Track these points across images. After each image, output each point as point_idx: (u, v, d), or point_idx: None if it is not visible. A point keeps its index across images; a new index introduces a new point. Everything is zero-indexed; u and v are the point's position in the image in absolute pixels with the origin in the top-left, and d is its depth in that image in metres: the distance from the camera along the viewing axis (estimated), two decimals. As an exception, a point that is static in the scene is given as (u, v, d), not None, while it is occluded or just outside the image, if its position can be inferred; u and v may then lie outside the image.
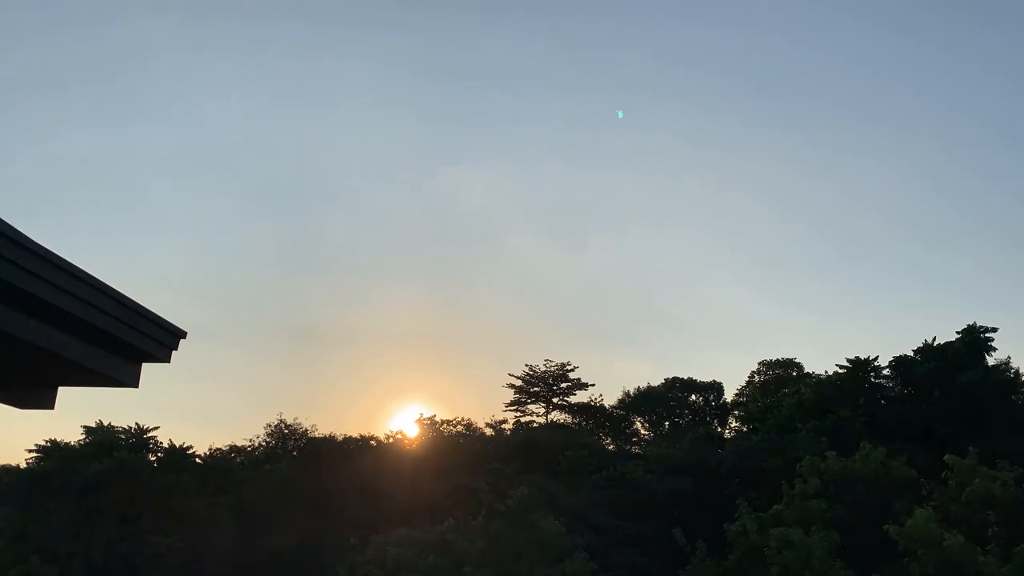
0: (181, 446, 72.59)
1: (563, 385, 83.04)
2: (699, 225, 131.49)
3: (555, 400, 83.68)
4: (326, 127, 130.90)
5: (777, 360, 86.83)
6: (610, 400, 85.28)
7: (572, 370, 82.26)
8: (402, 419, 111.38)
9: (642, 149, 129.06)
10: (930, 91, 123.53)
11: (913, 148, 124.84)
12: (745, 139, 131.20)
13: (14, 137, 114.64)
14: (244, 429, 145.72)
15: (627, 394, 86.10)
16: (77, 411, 73.56)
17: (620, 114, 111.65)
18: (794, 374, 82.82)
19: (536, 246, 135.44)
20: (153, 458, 74.39)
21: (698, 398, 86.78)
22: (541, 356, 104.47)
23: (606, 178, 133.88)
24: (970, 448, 42.00)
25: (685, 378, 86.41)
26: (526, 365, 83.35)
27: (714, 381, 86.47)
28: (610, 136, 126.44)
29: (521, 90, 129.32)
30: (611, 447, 77.29)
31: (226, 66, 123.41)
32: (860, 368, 61.51)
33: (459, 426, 75.20)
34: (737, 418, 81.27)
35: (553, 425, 78.34)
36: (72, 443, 74.43)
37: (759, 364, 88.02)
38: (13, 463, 75.09)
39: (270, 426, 75.19)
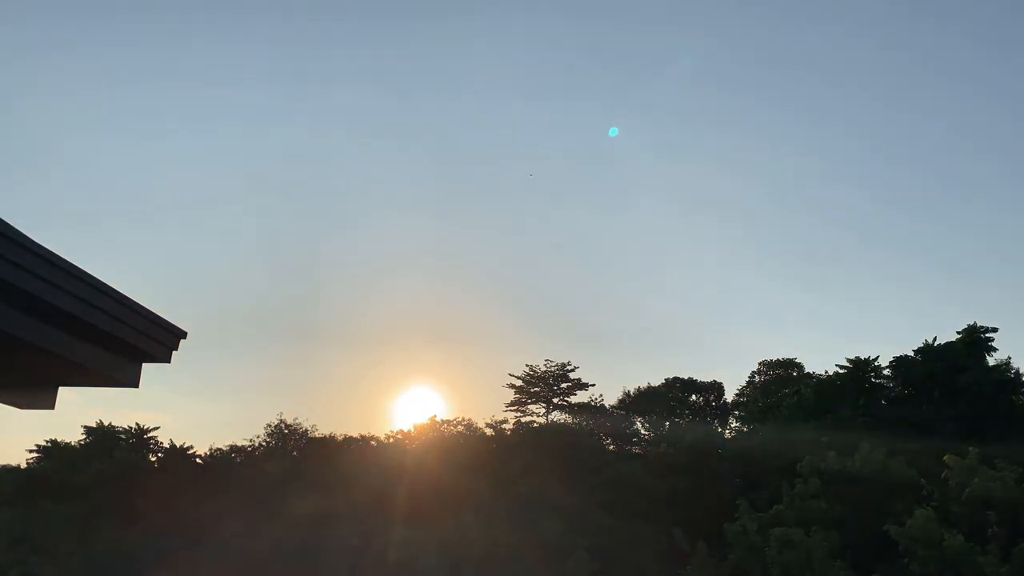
0: (181, 446, 72.69)
1: (563, 385, 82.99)
2: (700, 225, 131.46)
3: (555, 400, 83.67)
4: (324, 123, 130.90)
5: (777, 360, 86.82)
6: (610, 400, 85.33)
7: (572, 370, 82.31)
8: (403, 419, 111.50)
9: (643, 148, 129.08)
10: (929, 91, 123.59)
11: (914, 147, 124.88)
12: (746, 140, 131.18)
13: (14, 134, 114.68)
14: (244, 429, 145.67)
15: (627, 394, 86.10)
16: (77, 411, 73.64)
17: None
18: (794, 374, 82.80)
19: (536, 246, 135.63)
20: (153, 458, 74.52)
21: (698, 398, 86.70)
22: (541, 356, 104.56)
23: (606, 177, 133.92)
24: (970, 448, 42.03)
25: (685, 378, 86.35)
26: (526, 365, 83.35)
27: (714, 381, 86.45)
28: (609, 133, 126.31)
29: (515, 88, 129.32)
30: (611, 447, 77.22)
31: (222, 62, 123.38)
32: (860, 368, 61.53)
33: (459, 426, 75.19)
34: (737, 418, 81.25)
35: (553, 425, 78.28)
36: (72, 443, 74.58)
37: (759, 364, 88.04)
38: (13, 463, 75.28)
39: (270, 426, 75.22)
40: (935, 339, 59.22)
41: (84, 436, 75.70)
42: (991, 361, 57.52)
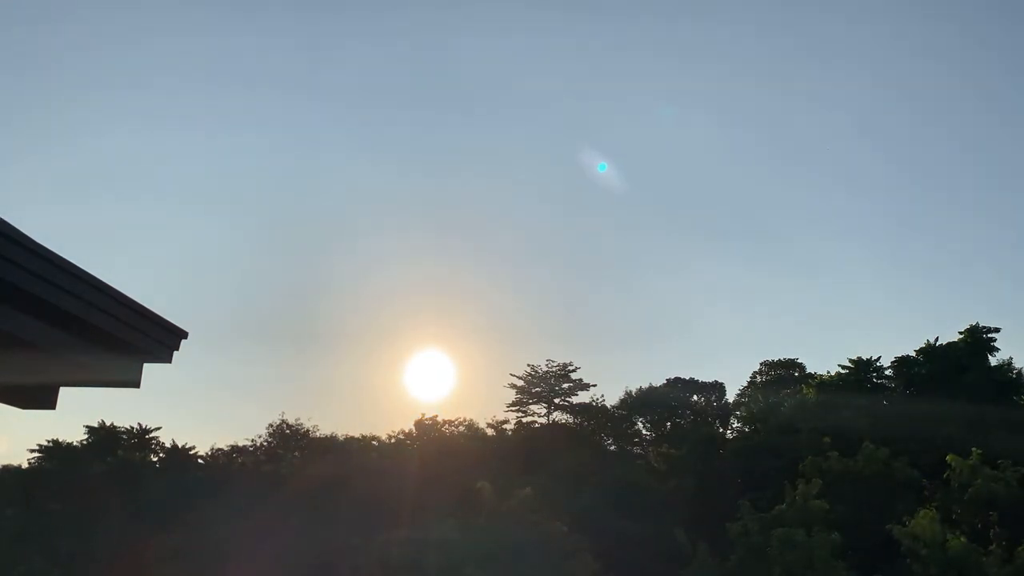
0: (183, 446, 72.77)
1: (565, 385, 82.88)
2: (700, 224, 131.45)
3: (557, 400, 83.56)
4: (326, 120, 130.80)
5: (779, 360, 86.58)
6: (612, 400, 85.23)
7: (574, 370, 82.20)
8: (404, 419, 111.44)
9: (642, 148, 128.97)
10: (928, 92, 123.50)
11: (915, 146, 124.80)
12: (746, 142, 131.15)
13: (15, 132, 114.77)
14: (246, 429, 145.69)
15: (629, 394, 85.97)
16: (79, 411, 73.62)
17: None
18: (796, 375, 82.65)
19: (536, 246, 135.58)
20: (155, 458, 74.56)
21: (700, 399, 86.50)
22: (543, 356, 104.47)
23: (605, 176, 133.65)
24: (972, 449, 42.00)
25: (687, 378, 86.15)
26: (528, 365, 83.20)
27: (716, 381, 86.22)
28: (615, 139, 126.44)
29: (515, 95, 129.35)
30: (613, 448, 77.19)
31: (216, 59, 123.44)
32: (863, 368, 61.49)
33: (461, 427, 75.19)
34: (739, 419, 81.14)
35: (555, 426, 78.25)
36: (74, 443, 74.62)
37: (761, 364, 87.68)
38: (15, 463, 75.26)
39: (272, 426, 75.20)
40: (937, 339, 59.21)
41: (86, 436, 75.74)
42: (993, 361, 57.49)
